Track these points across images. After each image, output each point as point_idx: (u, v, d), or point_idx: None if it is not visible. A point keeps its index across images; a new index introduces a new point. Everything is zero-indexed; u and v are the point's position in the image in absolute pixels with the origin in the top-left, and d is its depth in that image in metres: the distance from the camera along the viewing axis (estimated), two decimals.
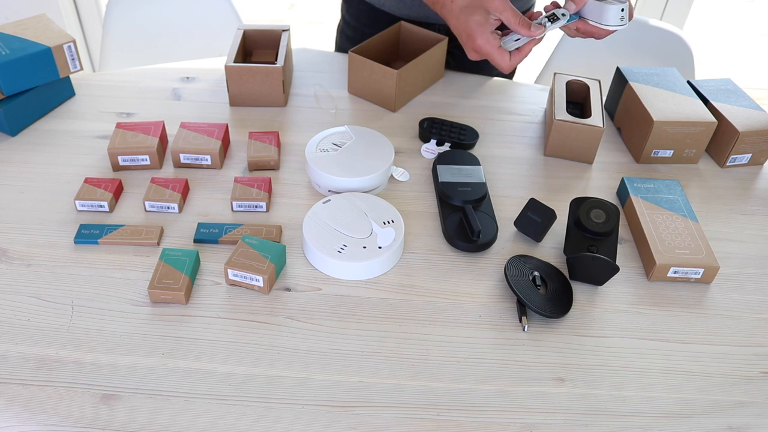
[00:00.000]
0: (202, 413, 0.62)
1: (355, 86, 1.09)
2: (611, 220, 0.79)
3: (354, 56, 1.05)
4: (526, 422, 0.64)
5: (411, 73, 1.05)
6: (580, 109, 1.05)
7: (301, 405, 0.64)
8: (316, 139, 0.91)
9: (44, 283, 0.74)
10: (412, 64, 1.04)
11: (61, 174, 0.89)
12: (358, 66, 1.06)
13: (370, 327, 0.72)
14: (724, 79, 1.06)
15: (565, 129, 0.95)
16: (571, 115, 0.96)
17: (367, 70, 1.05)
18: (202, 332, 0.70)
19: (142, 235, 0.79)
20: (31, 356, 0.66)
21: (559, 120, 0.94)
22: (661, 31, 1.43)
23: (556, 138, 0.96)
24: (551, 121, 0.96)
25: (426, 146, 0.98)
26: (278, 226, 0.82)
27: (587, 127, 0.94)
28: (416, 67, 1.05)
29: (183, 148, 0.90)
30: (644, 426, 0.64)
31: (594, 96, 1.01)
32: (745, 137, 0.95)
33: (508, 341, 0.71)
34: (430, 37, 1.10)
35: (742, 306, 0.77)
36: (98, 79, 1.11)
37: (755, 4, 3.23)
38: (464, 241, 0.80)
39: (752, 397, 0.67)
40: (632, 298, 0.77)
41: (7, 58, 0.92)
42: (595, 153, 0.96)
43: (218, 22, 1.52)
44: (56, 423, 0.61)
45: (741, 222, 0.89)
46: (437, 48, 1.08)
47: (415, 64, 1.05)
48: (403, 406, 0.64)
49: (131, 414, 0.62)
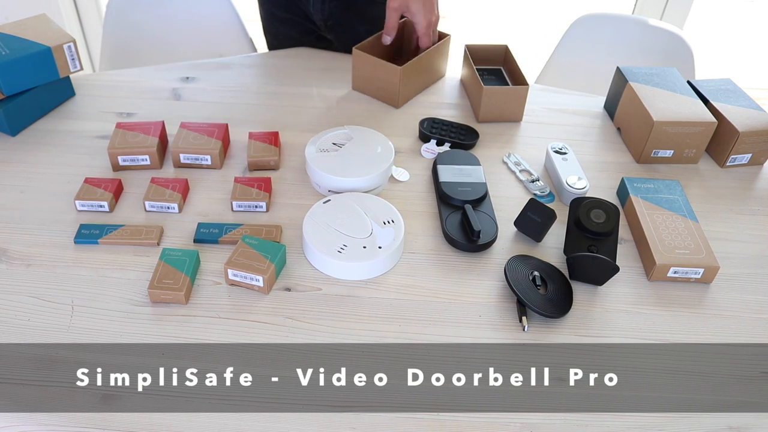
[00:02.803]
0: (201, 413, 0.62)
1: (359, 83, 1.09)
2: (611, 220, 0.79)
3: (358, 53, 1.05)
4: (527, 422, 0.64)
5: (414, 70, 1.05)
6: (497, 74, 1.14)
7: (301, 405, 0.64)
8: (316, 139, 0.91)
9: (44, 283, 0.74)
10: (416, 61, 1.04)
11: (61, 174, 0.89)
12: (362, 63, 1.06)
13: (370, 327, 0.72)
14: (724, 79, 1.06)
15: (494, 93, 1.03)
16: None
17: (371, 67, 1.05)
18: (202, 332, 0.70)
19: (142, 235, 0.79)
20: (31, 356, 0.66)
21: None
22: (661, 31, 1.43)
23: (486, 103, 1.03)
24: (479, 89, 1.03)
25: (426, 146, 0.98)
26: (278, 226, 0.82)
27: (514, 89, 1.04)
28: (420, 64, 1.06)
29: (183, 148, 0.90)
30: (644, 426, 0.64)
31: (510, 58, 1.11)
32: (745, 137, 0.95)
33: (508, 341, 0.71)
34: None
35: (743, 306, 0.77)
36: (98, 79, 1.11)
37: (755, 4, 3.23)
38: (464, 241, 0.80)
39: (752, 397, 0.67)
40: (632, 298, 0.77)
41: (7, 58, 0.92)
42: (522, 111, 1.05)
43: (218, 22, 1.51)
44: (56, 423, 0.61)
45: (741, 222, 0.89)
46: (441, 45, 1.08)
47: (419, 61, 1.05)
48: (403, 407, 0.64)
49: (131, 414, 0.62)
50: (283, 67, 1.16)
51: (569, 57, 1.47)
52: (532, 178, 0.93)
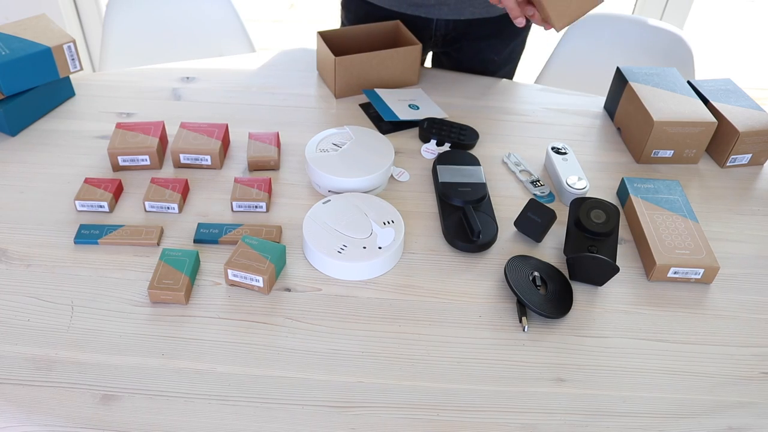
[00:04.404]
0: (201, 413, 0.62)
1: (320, 66, 1.13)
2: (611, 220, 0.79)
3: (318, 38, 1.08)
4: (526, 422, 0.64)
5: (358, 65, 1.06)
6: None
7: (301, 405, 0.64)
8: (316, 139, 0.91)
9: (44, 283, 0.74)
10: (363, 56, 1.05)
11: (61, 174, 0.89)
12: (321, 48, 1.09)
13: (370, 327, 0.72)
14: (724, 79, 1.06)
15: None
16: None
17: (325, 52, 1.07)
18: (201, 332, 0.70)
19: (141, 236, 0.79)
20: (30, 356, 0.66)
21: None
22: (661, 31, 1.43)
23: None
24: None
25: (426, 146, 0.98)
26: (278, 227, 0.82)
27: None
28: (368, 61, 1.06)
29: (183, 148, 0.90)
30: (644, 426, 0.64)
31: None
32: (745, 137, 0.95)
33: (508, 341, 0.71)
34: (410, 41, 1.10)
35: (742, 306, 0.77)
36: (98, 79, 1.11)
37: (755, 4, 3.23)
38: (464, 241, 0.80)
39: (752, 397, 0.67)
40: (632, 298, 0.77)
41: (7, 58, 0.92)
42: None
43: (218, 22, 1.52)
44: (56, 423, 0.61)
45: (741, 222, 0.89)
46: (406, 51, 1.08)
47: (368, 58, 1.05)
48: (403, 407, 0.64)
49: (131, 414, 0.62)
50: (283, 67, 1.16)
51: (569, 57, 1.47)
52: (532, 178, 0.93)
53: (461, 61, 1.23)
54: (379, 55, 1.06)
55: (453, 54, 1.23)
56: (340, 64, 1.04)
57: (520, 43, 1.25)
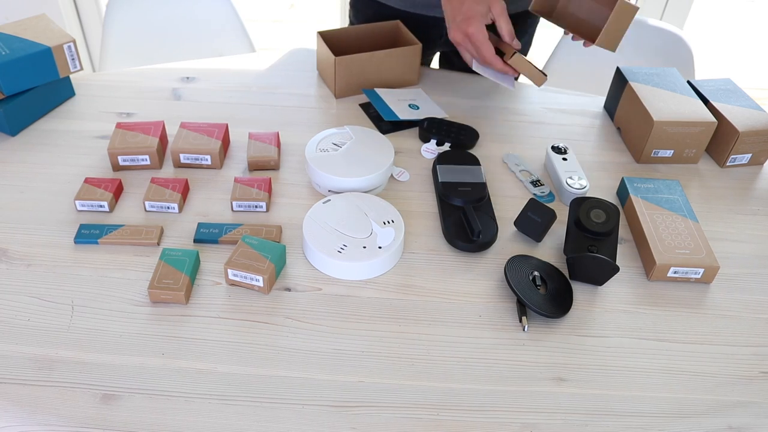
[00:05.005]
0: (202, 413, 0.62)
1: (320, 66, 1.13)
2: (611, 220, 0.79)
3: (318, 38, 1.08)
4: (526, 422, 0.64)
5: (358, 65, 1.05)
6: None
7: (302, 405, 0.64)
8: (316, 139, 0.91)
9: (44, 283, 0.74)
10: (363, 56, 1.04)
11: (61, 174, 0.89)
12: (321, 48, 1.09)
13: (370, 327, 0.72)
14: (724, 79, 1.06)
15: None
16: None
17: (325, 52, 1.07)
18: (202, 332, 0.70)
19: (142, 235, 0.79)
20: (31, 356, 0.66)
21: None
22: (661, 31, 1.43)
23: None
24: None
25: (426, 146, 0.98)
26: (278, 226, 0.82)
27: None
28: (368, 61, 1.06)
29: (183, 148, 0.90)
30: (644, 426, 0.64)
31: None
32: (745, 137, 0.95)
33: (508, 341, 0.71)
34: (410, 41, 1.10)
35: (742, 306, 0.77)
36: (98, 79, 1.11)
37: (755, 4, 3.23)
38: (464, 241, 0.80)
39: (752, 397, 0.67)
40: (632, 298, 0.77)
41: (7, 58, 0.92)
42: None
43: (218, 22, 1.52)
44: (56, 423, 0.61)
45: (741, 222, 0.89)
46: (406, 50, 1.08)
47: (368, 58, 1.05)
48: (404, 406, 0.64)
49: (131, 414, 0.62)
50: (283, 67, 1.16)
51: (569, 57, 1.47)
52: (532, 178, 0.93)
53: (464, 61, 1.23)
54: (379, 55, 1.06)
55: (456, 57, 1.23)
56: (340, 64, 1.04)
57: (528, 41, 1.25)
